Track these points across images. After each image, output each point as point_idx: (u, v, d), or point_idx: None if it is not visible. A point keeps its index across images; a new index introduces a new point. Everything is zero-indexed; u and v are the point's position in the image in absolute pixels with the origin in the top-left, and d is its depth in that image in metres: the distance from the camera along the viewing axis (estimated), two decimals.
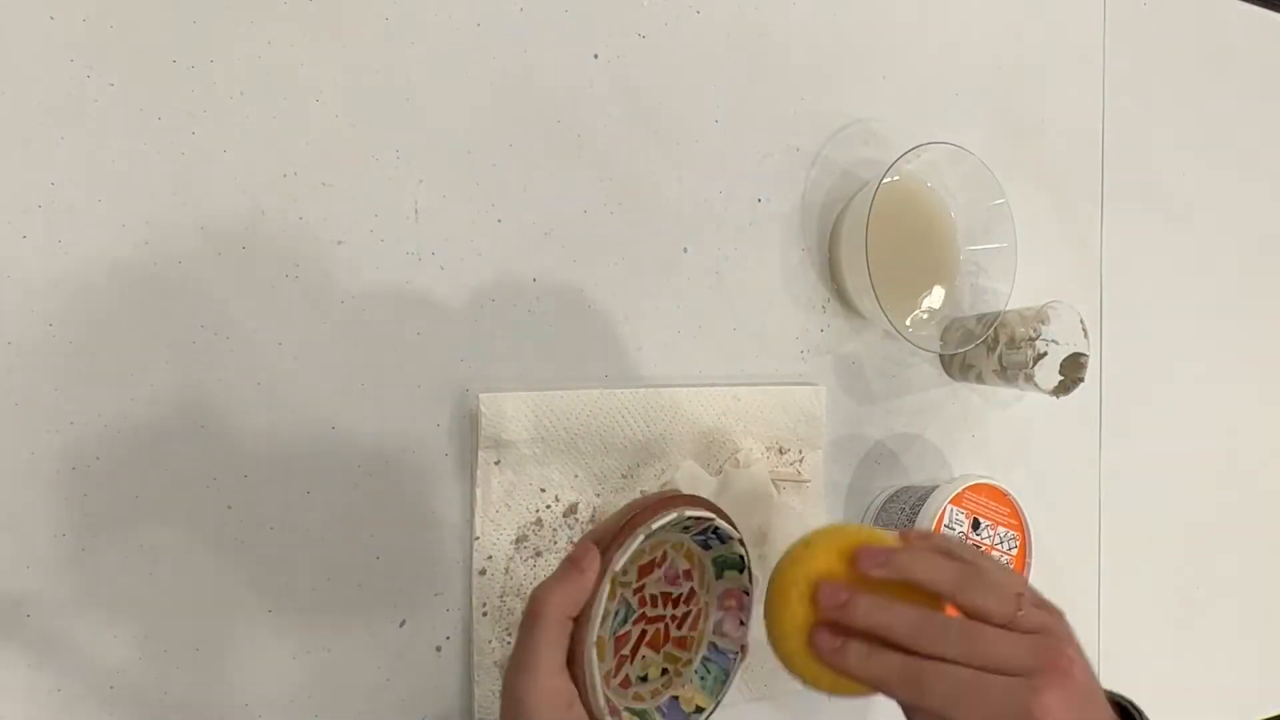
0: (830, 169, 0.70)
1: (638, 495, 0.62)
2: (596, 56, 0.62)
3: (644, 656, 0.48)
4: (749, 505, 0.62)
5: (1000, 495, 0.68)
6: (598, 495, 0.61)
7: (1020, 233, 0.68)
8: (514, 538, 0.58)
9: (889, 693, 0.36)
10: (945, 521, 0.66)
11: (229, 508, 0.52)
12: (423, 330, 0.57)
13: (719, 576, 0.50)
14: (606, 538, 0.42)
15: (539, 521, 0.59)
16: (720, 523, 0.47)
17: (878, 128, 0.72)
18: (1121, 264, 0.84)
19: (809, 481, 0.67)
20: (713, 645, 0.49)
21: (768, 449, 0.66)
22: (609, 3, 0.62)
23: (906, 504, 0.68)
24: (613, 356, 0.62)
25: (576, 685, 0.39)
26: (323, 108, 0.54)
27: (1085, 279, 0.83)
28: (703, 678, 0.49)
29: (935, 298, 0.71)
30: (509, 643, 0.58)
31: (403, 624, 0.56)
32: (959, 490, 0.67)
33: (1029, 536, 0.72)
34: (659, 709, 0.47)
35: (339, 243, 0.55)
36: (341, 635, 0.55)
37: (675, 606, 0.49)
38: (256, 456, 0.52)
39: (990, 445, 0.77)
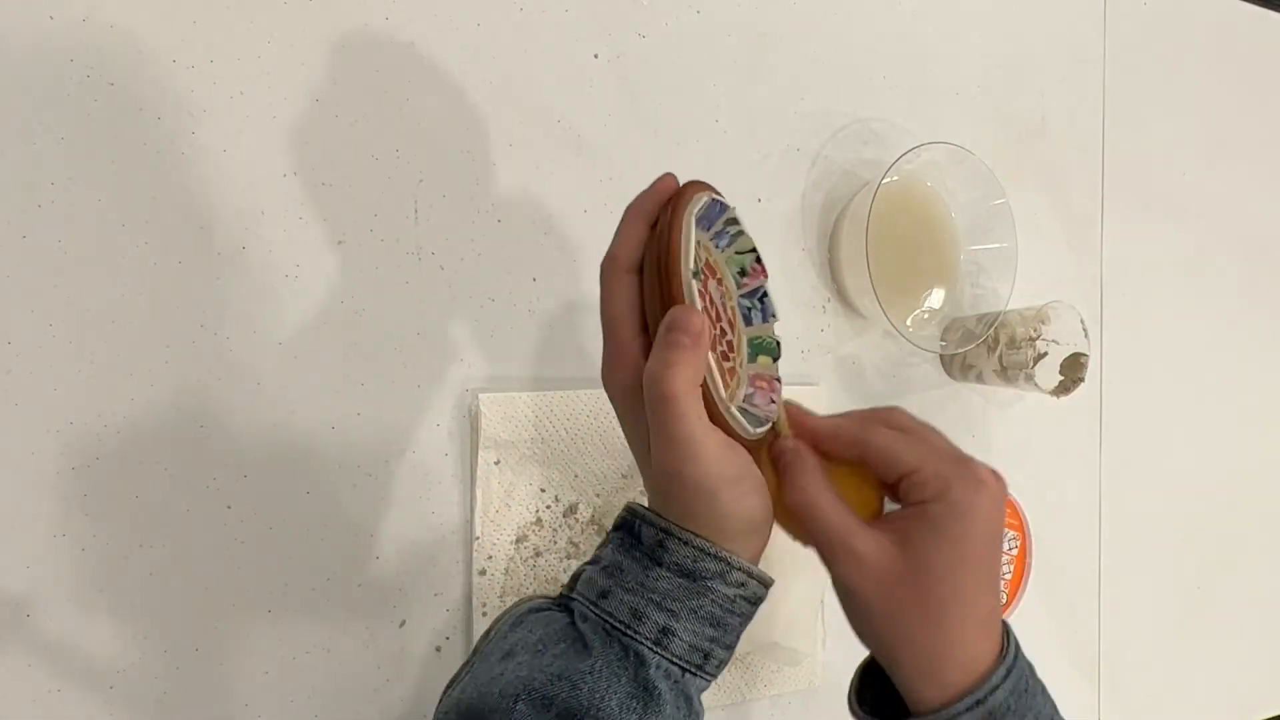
0: (830, 169, 0.70)
1: (638, 495, 0.62)
2: (596, 56, 0.62)
3: None
4: None
5: None
6: (598, 495, 0.61)
7: (1020, 233, 0.68)
8: (514, 538, 0.58)
9: (855, 440, 0.38)
10: None
11: (229, 508, 0.52)
12: (423, 330, 0.57)
13: (751, 358, 0.43)
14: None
15: (539, 521, 0.59)
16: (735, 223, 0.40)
17: (878, 128, 0.72)
18: (1121, 264, 0.84)
19: None
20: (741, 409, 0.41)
21: None
22: (609, 3, 0.62)
23: None
24: None
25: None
26: (323, 107, 0.54)
27: (1085, 279, 0.83)
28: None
29: (935, 298, 0.71)
30: None
31: (403, 624, 0.56)
32: None
33: (1029, 536, 0.72)
34: None
35: (339, 243, 0.55)
36: (341, 635, 0.55)
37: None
38: (256, 456, 0.52)
39: (990, 445, 0.77)
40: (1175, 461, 0.88)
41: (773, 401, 0.41)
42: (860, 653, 0.40)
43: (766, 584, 0.38)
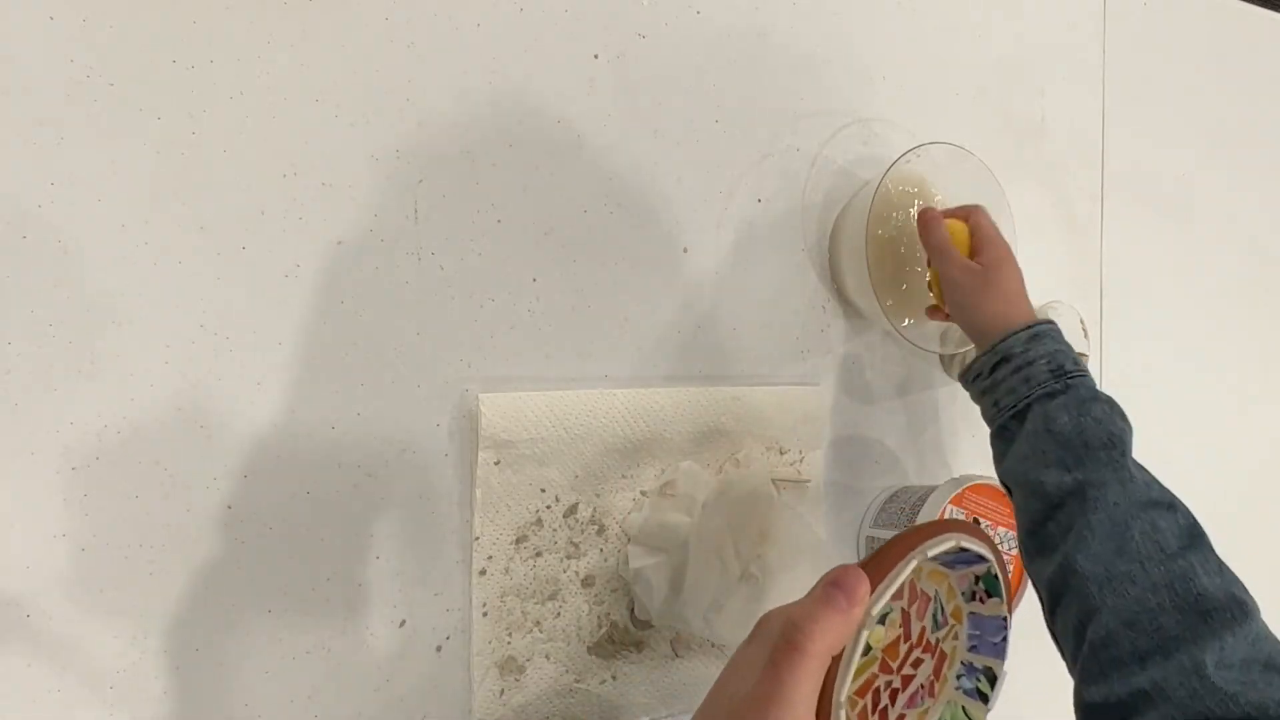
0: (830, 169, 0.70)
1: (638, 495, 0.62)
2: (596, 56, 0.62)
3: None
4: (749, 505, 0.62)
5: (1000, 495, 0.68)
6: (598, 495, 0.61)
7: (1020, 233, 0.68)
8: (514, 538, 0.58)
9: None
10: None
11: (229, 508, 0.52)
12: (423, 330, 0.57)
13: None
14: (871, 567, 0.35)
15: (539, 521, 0.59)
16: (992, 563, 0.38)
17: (878, 128, 0.72)
18: (1121, 264, 0.84)
19: (809, 481, 0.67)
20: None
21: (767, 449, 0.66)
22: (609, 3, 0.62)
23: (906, 504, 0.68)
24: (613, 356, 0.62)
25: None
26: (322, 108, 0.54)
27: (1085, 279, 0.83)
28: None
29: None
30: (509, 643, 0.58)
31: (403, 624, 0.56)
32: (959, 490, 0.67)
33: None
34: None
35: (339, 243, 0.55)
36: (341, 635, 0.55)
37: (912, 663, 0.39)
38: (256, 456, 0.52)
39: (990, 445, 0.76)
40: (1174, 461, 0.88)
41: None
42: None
43: None
